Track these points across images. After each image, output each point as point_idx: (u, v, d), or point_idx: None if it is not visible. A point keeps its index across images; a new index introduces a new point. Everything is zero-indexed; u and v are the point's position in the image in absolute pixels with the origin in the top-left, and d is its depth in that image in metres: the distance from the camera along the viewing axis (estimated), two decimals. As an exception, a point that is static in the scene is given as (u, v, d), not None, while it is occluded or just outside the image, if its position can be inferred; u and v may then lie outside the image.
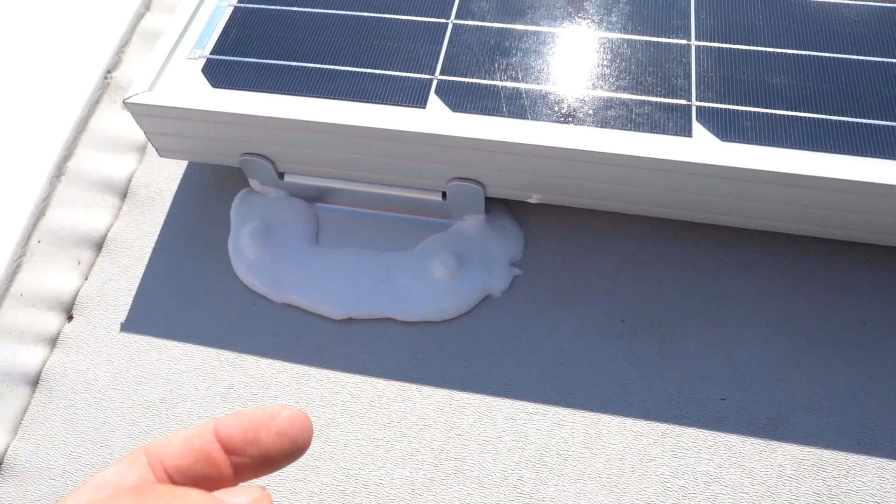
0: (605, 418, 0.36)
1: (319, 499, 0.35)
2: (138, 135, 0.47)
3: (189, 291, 0.42)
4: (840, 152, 0.34)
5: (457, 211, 0.41)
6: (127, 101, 0.38)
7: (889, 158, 0.33)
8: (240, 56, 0.40)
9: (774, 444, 0.35)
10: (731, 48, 0.38)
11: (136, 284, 0.42)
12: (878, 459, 0.35)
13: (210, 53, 0.40)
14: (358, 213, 0.43)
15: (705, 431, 0.36)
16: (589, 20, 0.39)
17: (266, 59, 0.39)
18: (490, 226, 0.41)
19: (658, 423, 0.36)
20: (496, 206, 0.42)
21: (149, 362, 0.40)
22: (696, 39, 0.38)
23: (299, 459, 0.36)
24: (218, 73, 0.39)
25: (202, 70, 0.39)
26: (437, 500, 0.35)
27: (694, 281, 0.40)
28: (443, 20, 0.40)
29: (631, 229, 0.42)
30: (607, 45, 0.38)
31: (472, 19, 0.40)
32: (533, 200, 0.39)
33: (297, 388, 0.38)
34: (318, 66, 0.39)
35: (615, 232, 0.42)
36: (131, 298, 0.42)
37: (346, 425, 0.37)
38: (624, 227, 0.42)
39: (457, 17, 0.40)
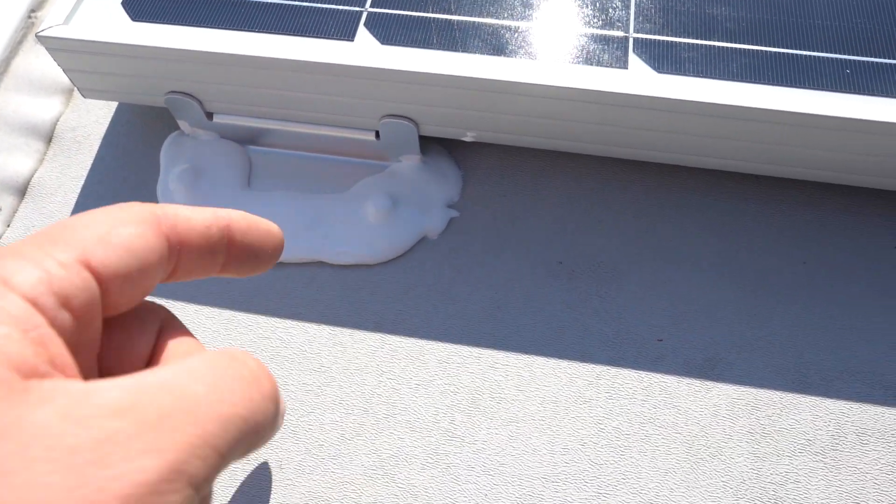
0: (540, 360, 0.36)
1: (247, 445, 0.34)
2: (65, 77, 0.45)
3: (116, 237, 0.40)
4: (777, 84, 0.33)
5: (392, 151, 0.39)
6: (40, 34, 0.36)
7: (826, 90, 0.32)
8: (162, -12, 0.38)
9: (710, 384, 0.35)
10: (672, -20, 0.36)
11: (61, 231, 0.40)
12: (811, 398, 0.34)
13: (131, -14, 0.38)
14: (292, 155, 0.41)
15: (641, 373, 0.35)
16: (527, -49, 0.38)
17: (190, -9, 0.37)
18: (426, 167, 0.39)
19: (593, 365, 0.36)
20: (434, 146, 0.41)
21: (73, 310, 0.38)
22: (636, -29, 0.37)
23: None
24: (138, 6, 0.37)
25: (122, 3, 0.37)
26: (367, 444, 0.34)
27: (634, 222, 0.39)
28: (376, -49, 0.38)
29: (572, 170, 0.41)
30: (545, -24, 0.37)
31: (407, -50, 0.38)
32: (468, 138, 0.37)
33: (227, 333, 0.37)
34: (244, -2, 0.37)
35: (555, 172, 0.41)
36: (55, 245, 0.40)
37: (275, 371, 0.36)
38: (564, 168, 0.41)
39: (391, -52, 0.38)
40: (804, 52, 0.34)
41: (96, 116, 0.44)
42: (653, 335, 0.36)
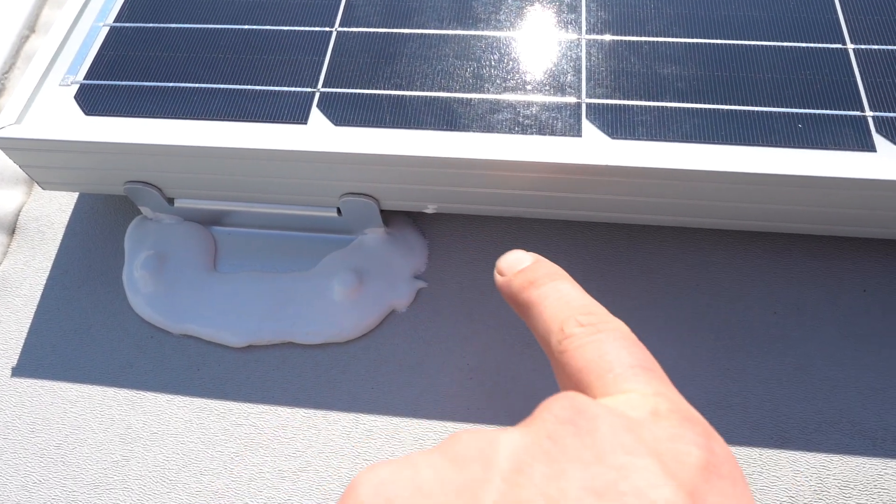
0: (516, 431, 0.35)
1: (224, 539, 0.34)
2: (26, 166, 0.45)
3: (83, 329, 0.40)
4: (731, 143, 0.33)
5: (356, 226, 0.39)
6: (-7, 135, 0.36)
7: (780, 146, 0.32)
8: (115, 80, 0.38)
9: (688, 444, 0.34)
10: (621, 40, 0.37)
11: (28, 325, 0.40)
12: (791, 452, 0.34)
13: (84, 79, 0.38)
14: (257, 234, 0.41)
15: (618, 437, 0.35)
16: (476, 19, 0.38)
17: (142, 81, 0.37)
18: (391, 238, 0.39)
19: (570, 432, 0.35)
20: (398, 217, 0.40)
21: (42, 407, 0.38)
22: (586, 33, 0.37)
23: (198, 500, 0.35)
24: (91, 99, 0.37)
25: (75, 97, 0.37)
26: (346, 531, 0.34)
27: (603, 281, 0.39)
28: (327, 28, 0.38)
29: (538, 233, 0.41)
30: (494, 44, 0.37)
31: (357, 26, 0.38)
32: (429, 210, 0.37)
33: (199, 423, 0.37)
34: (196, 85, 0.37)
35: (521, 236, 0.40)
36: (23, 341, 0.40)
37: (250, 458, 0.36)
38: (530, 231, 0.41)
39: (341, 24, 0.38)
40: (755, 108, 0.34)
41: (59, 205, 0.44)
42: (628, 397, 0.36)
